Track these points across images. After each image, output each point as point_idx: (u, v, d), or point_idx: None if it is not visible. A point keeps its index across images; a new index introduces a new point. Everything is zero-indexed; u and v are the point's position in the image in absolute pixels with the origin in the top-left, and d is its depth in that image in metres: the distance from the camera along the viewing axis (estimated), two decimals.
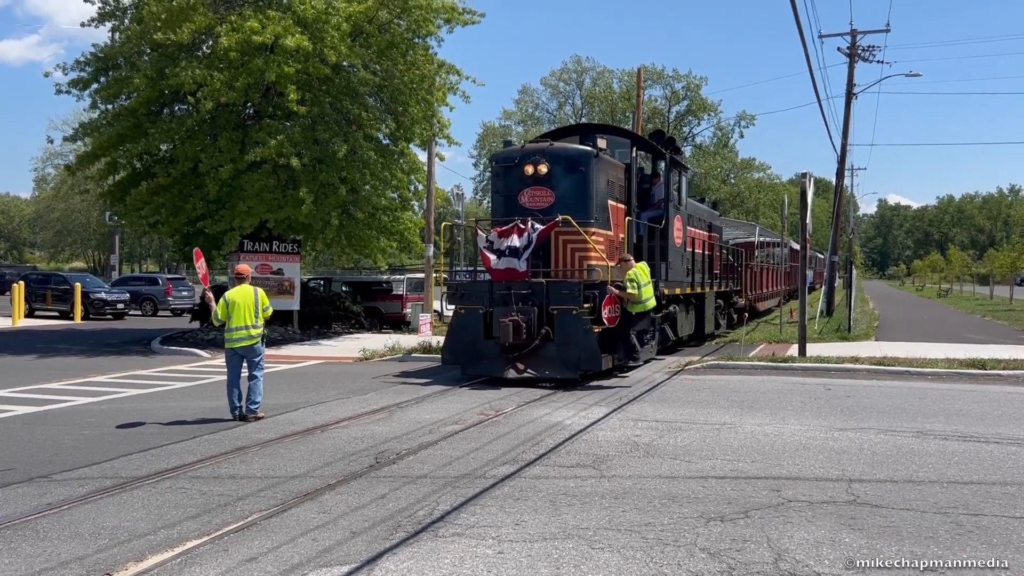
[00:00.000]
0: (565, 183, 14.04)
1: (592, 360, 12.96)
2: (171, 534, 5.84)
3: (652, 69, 66.14)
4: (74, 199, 72.10)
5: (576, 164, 14.10)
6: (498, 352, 13.33)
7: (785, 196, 36.84)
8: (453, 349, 13.91)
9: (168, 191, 20.01)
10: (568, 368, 13.05)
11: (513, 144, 14.67)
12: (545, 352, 13.18)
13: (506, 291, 13.40)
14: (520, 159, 14.24)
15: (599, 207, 14.31)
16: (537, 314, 13.20)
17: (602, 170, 14.39)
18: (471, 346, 13.66)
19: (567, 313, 13.07)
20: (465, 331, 13.73)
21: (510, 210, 14.11)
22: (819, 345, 19.01)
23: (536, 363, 13.22)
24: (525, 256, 13.45)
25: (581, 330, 12.97)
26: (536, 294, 13.32)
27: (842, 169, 33.19)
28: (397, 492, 6.91)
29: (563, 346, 13.06)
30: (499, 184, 14.65)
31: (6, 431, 9.73)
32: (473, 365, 13.73)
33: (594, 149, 14.25)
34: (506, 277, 13.53)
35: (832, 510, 6.38)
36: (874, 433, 9.47)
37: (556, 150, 14.31)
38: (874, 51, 32.48)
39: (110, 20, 20.93)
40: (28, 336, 23.99)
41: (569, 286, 13.32)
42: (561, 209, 13.71)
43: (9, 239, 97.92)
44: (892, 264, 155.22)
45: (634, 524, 6.01)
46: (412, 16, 20.09)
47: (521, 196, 14.11)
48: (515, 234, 13.52)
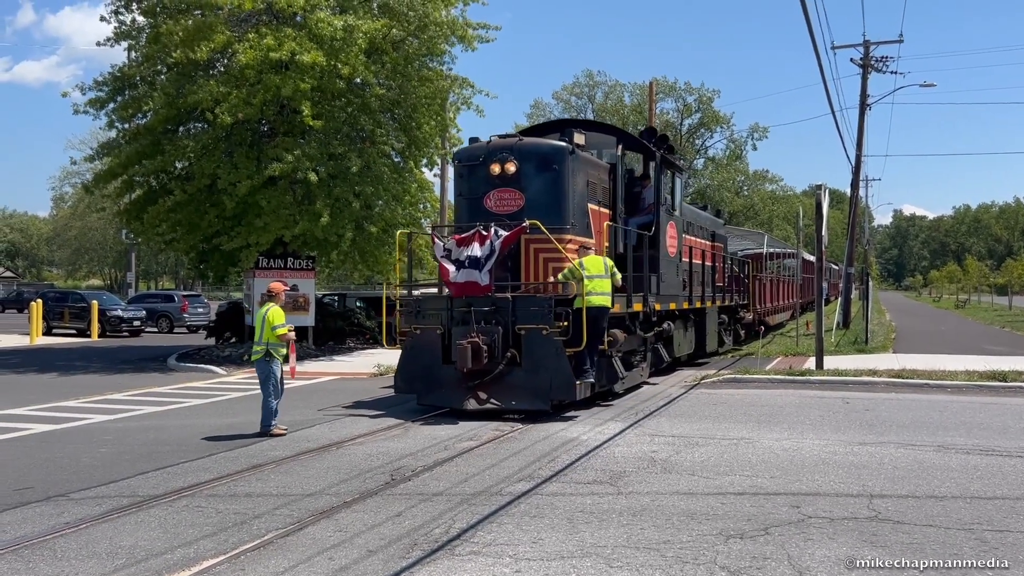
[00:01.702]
0: (536, 184, 12.32)
1: (565, 388, 11.25)
2: (188, 553, 5.83)
3: (664, 82, 66.21)
4: (91, 217, 72.82)
5: (548, 162, 12.33)
6: (457, 379, 11.52)
7: (800, 208, 36.65)
8: (407, 375, 12.13)
9: (184, 208, 20.15)
10: (538, 397, 11.33)
11: (480, 141, 13.13)
12: (511, 379, 11.45)
13: (466, 308, 11.70)
14: (485, 157, 12.45)
15: (576, 211, 12.54)
16: (502, 335, 11.44)
17: (580, 169, 12.67)
18: (427, 372, 11.89)
19: (536, 334, 11.33)
20: (420, 354, 11.97)
21: (475, 215, 12.40)
22: (836, 358, 18.86)
23: (501, 392, 11.48)
24: (488, 267, 11.68)
25: (552, 353, 11.23)
26: (501, 311, 11.59)
27: (857, 180, 33.01)
28: (413, 510, 6.88)
29: (532, 372, 11.34)
30: (463, 186, 12.88)
31: (24, 449, 9.77)
32: (429, 394, 11.97)
33: (569, 145, 12.48)
34: (466, 292, 11.79)
35: (853, 526, 6.29)
36: (894, 447, 9.36)
37: (526, 146, 12.55)
38: (887, 62, 32.34)
39: (126, 40, 21.17)
40: (46, 354, 24.16)
41: (538, 302, 11.57)
42: (532, 213, 11.97)
43: (27, 257, 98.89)
44: (908, 275, 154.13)
45: (652, 542, 5.95)
46: (427, 34, 20.22)
47: (487, 199, 12.40)
48: (476, 242, 11.75)
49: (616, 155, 14.13)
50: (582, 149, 12.87)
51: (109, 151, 21.11)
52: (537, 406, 11.37)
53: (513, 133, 13.73)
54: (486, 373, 11.41)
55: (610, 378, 12.54)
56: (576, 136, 12.76)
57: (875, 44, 32.09)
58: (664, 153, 14.98)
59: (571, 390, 11.25)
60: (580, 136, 12.89)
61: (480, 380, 11.43)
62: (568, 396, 11.35)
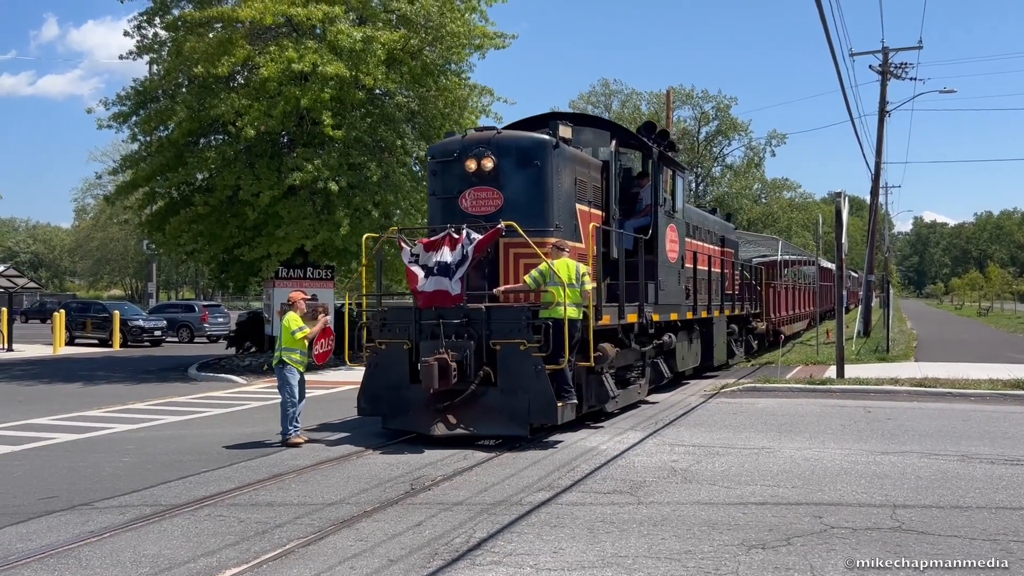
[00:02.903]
0: (516, 181, 11.17)
1: (545, 410, 9.93)
2: (210, 562, 5.87)
3: (681, 90, 66.16)
4: (112, 228, 73.62)
5: (530, 157, 11.16)
6: (426, 400, 10.32)
7: (819, 215, 36.42)
8: (371, 396, 10.91)
9: (206, 219, 20.35)
10: (515, 421, 10.06)
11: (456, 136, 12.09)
12: (486, 400, 10.21)
13: (435, 320, 10.50)
14: (460, 152, 11.32)
15: (562, 212, 11.38)
16: (474, 350, 10.22)
17: (566, 165, 11.52)
18: (393, 392, 10.70)
19: (512, 349, 10.09)
20: (385, 372, 10.77)
21: (449, 216, 11.24)
22: (857, 366, 18.72)
23: (473, 415, 10.25)
24: (459, 275, 10.45)
25: (531, 371, 9.95)
26: (473, 324, 10.38)
27: (876, 187, 32.82)
28: (433, 519, 6.90)
29: (508, 392, 10.11)
30: (436, 184, 11.73)
31: (49, 458, 9.88)
32: (395, 417, 10.73)
33: (553, 138, 11.27)
34: (434, 302, 10.54)
35: (877, 537, 6.24)
36: (917, 457, 9.28)
37: (504, 140, 11.38)
38: (907, 68, 32.13)
39: (148, 53, 21.47)
40: (69, 364, 24.41)
41: (515, 313, 10.34)
42: (511, 214, 10.81)
43: (50, 268, 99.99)
44: (929, 282, 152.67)
45: (674, 552, 5.93)
46: (445, 43, 20.36)
47: (462, 199, 11.26)
48: (446, 246, 10.60)
49: (610, 151, 13.02)
50: (569, 143, 11.69)
51: (131, 163, 21.39)
52: (514, 432, 10.11)
53: (492, 125, 12.56)
54: (457, 394, 10.18)
55: (600, 397, 11.44)
56: (562, 129, 11.51)
57: (894, 51, 31.91)
58: (663, 149, 13.84)
59: (552, 413, 9.91)
60: (566, 129, 11.65)
61: (450, 402, 10.21)
62: (549, 419, 10.03)
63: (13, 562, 5.90)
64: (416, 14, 19.84)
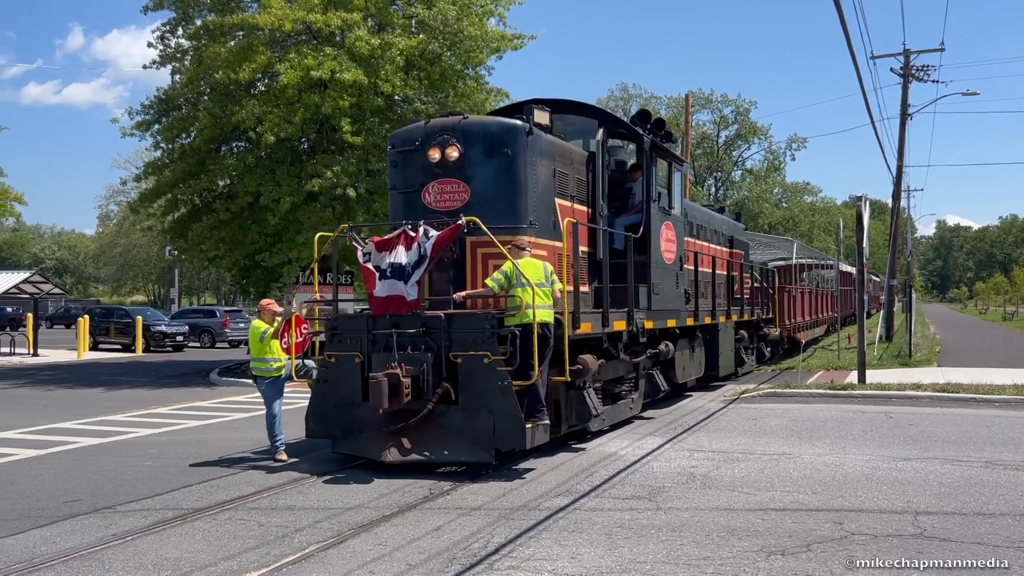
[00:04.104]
0: (485, 172, 9.93)
1: (512, 433, 8.65)
2: (231, 565, 5.92)
3: (700, 94, 65.99)
4: (135, 235, 74.36)
5: (499, 144, 9.89)
6: (379, 422, 9.08)
7: (840, 219, 36.14)
8: (320, 415, 9.65)
9: (228, 225, 20.54)
10: (478, 445, 8.81)
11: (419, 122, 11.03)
12: (445, 421, 8.97)
13: (388, 330, 9.24)
14: (423, 140, 10.08)
15: (539, 206, 10.10)
16: (433, 363, 8.99)
17: (543, 155, 10.25)
18: (344, 412, 9.43)
19: (475, 362, 8.85)
20: (335, 389, 9.51)
21: (411, 213, 9.96)
22: (879, 372, 18.55)
23: (430, 438, 8.96)
24: (415, 278, 9.25)
25: (496, 387, 8.71)
26: (432, 334, 9.12)
27: (898, 191, 32.57)
28: (452, 524, 6.91)
29: (471, 412, 8.86)
30: (397, 177, 10.45)
31: (73, 462, 10.01)
32: (345, 439, 9.46)
33: (527, 124, 10.02)
34: (388, 309, 9.34)
35: (898, 544, 6.19)
36: (940, 463, 9.18)
37: (471, 125, 10.15)
38: (929, 71, 31.92)
39: (171, 62, 21.74)
40: (93, 369, 24.70)
41: (478, 321, 9.09)
42: (479, 209, 9.60)
43: (75, 274, 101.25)
44: (953, 287, 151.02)
45: (692, 558, 5.91)
46: (463, 47, 20.45)
47: (425, 192, 10.00)
48: (401, 246, 9.38)
49: (597, 141, 11.80)
50: (547, 130, 10.50)
51: (154, 170, 21.69)
52: (477, 457, 8.86)
53: (458, 111, 11.11)
54: (414, 413, 8.94)
55: (581, 416, 10.24)
56: (537, 114, 10.29)
57: (916, 53, 31.68)
58: (658, 139, 12.61)
59: (519, 436, 8.65)
60: (543, 114, 10.45)
61: (405, 423, 8.97)
62: (516, 443, 8.76)
63: (38, 564, 5.98)
64: (434, 19, 19.94)
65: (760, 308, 20.22)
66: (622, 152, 13.34)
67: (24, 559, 6.11)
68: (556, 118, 11.68)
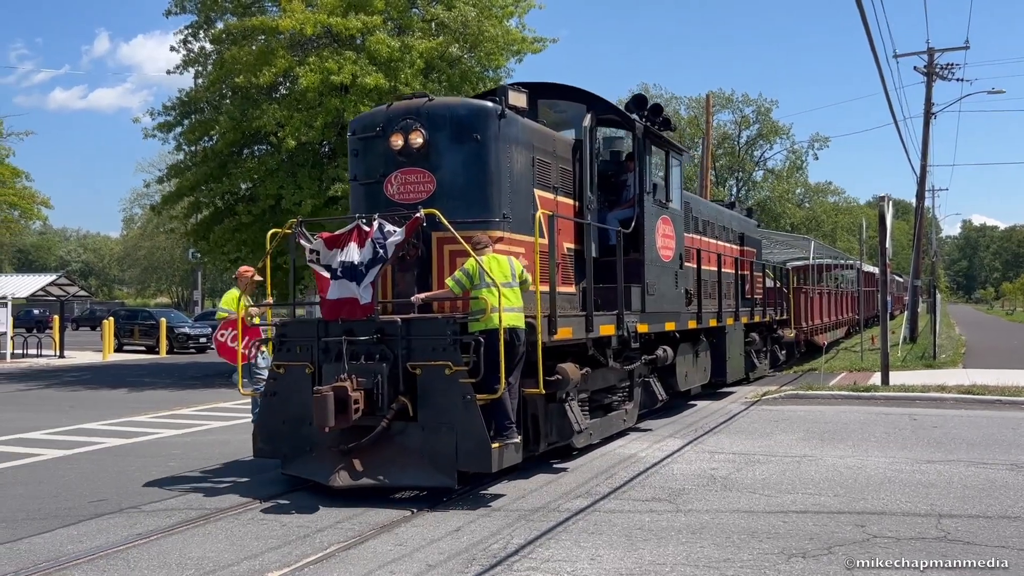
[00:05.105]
0: (452, 160, 8.95)
1: (476, 454, 7.66)
2: (253, 565, 5.98)
3: (720, 94, 65.55)
4: (159, 237, 75.19)
5: (467, 129, 8.91)
6: (330, 440, 8.09)
7: (863, 219, 35.81)
8: (268, 432, 8.67)
9: (249, 228, 20.73)
10: (439, 468, 7.79)
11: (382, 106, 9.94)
12: (403, 440, 7.97)
13: (339, 337, 8.23)
14: (385, 125, 9.13)
15: (514, 198, 9.10)
16: (388, 374, 7.97)
17: (518, 141, 9.24)
18: (294, 428, 8.43)
19: (435, 373, 7.86)
20: (284, 403, 8.54)
21: (373, 205, 8.99)
22: (903, 373, 18.37)
23: (386, 460, 7.96)
24: (370, 278, 8.24)
25: (458, 402, 7.74)
26: (388, 341, 8.11)
27: (922, 190, 32.23)
28: (472, 525, 6.94)
29: (431, 430, 7.86)
30: (358, 167, 9.50)
31: (99, 462, 10.15)
32: (295, 460, 8.43)
33: (499, 106, 9.02)
34: (339, 313, 8.36)
35: (921, 547, 6.14)
36: (964, 466, 9.09)
37: (437, 108, 9.13)
38: (953, 69, 31.55)
39: (194, 66, 22.00)
40: (118, 370, 25.00)
41: (438, 326, 8.06)
42: (446, 201, 8.65)
43: (100, 276, 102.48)
44: (979, 287, 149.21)
45: (712, 560, 5.90)
46: (484, 49, 20.52)
47: (387, 183, 9.03)
48: (353, 242, 8.38)
49: (585, 127, 10.67)
50: (523, 114, 9.52)
51: (177, 173, 21.94)
52: (437, 482, 7.82)
53: (424, 92, 10.05)
54: (366, 432, 7.92)
55: (562, 431, 9.19)
56: (512, 95, 9.28)
57: (939, 51, 31.33)
58: (655, 126, 11.64)
59: (485, 457, 7.64)
60: (518, 95, 9.42)
61: (357, 443, 7.95)
62: (482, 466, 7.73)
63: (64, 563, 6.08)
64: (454, 21, 20.03)
65: (774, 309, 19.20)
66: (620, 143, 12.53)
67: (52, 557, 6.21)
68: (545, 105, 10.96)
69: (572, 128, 11.09)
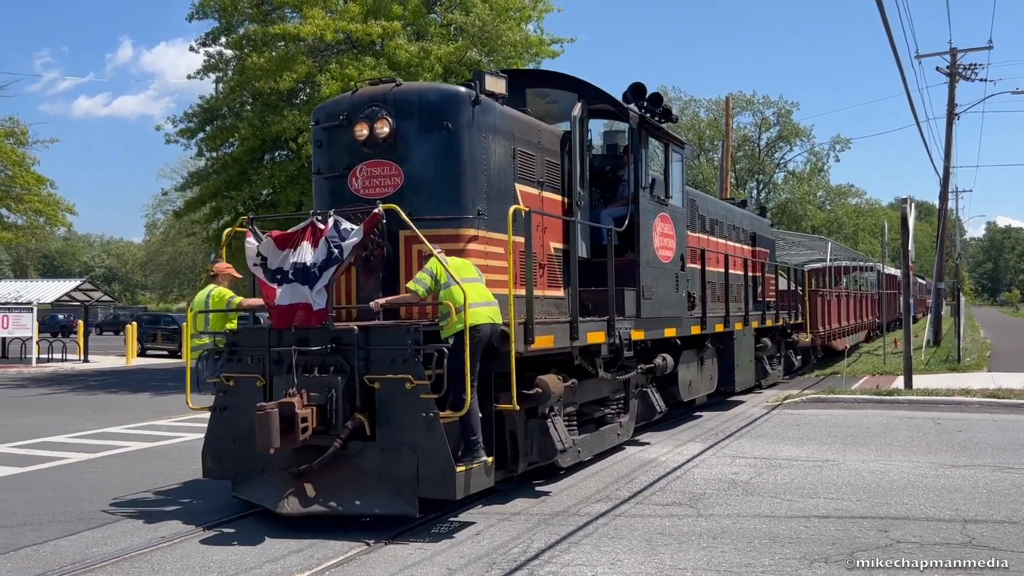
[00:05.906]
0: (421, 151, 8.13)
1: (439, 479, 6.85)
2: (275, 568, 6.02)
3: (740, 96, 65.25)
4: (181, 243, 75.88)
5: (437, 117, 8.09)
6: (283, 461, 7.29)
7: (885, 222, 35.50)
8: (216, 451, 7.92)
9: None
10: (398, 494, 6.96)
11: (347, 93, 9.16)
12: (360, 462, 7.18)
13: (290, 347, 7.41)
14: (349, 113, 8.36)
15: (491, 194, 8.26)
16: (344, 389, 7.17)
17: (495, 131, 8.43)
18: (244, 447, 7.53)
19: (395, 388, 7.06)
20: (233, 419, 7.75)
21: (338, 201, 8.23)
22: (926, 377, 18.19)
23: (341, 484, 7.13)
24: (324, 282, 7.42)
25: (420, 420, 6.94)
26: (344, 351, 7.31)
27: (945, 192, 31.92)
28: (492, 529, 6.95)
29: (390, 451, 7.06)
30: (321, 160, 8.74)
31: (123, 466, 10.26)
32: (245, 482, 7.71)
33: (472, 92, 8.22)
34: (290, 320, 7.56)
35: (946, 552, 6.07)
36: (989, 471, 8.98)
37: (405, 94, 8.32)
38: (976, 69, 31.24)
39: (214, 72, 22.20)
40: (141, 374, 25.25)
41: (398, 335, 7.22)
42: (414, 196, 7.97)
43: (123, 282, 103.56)
44: (1004, 290, 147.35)
45: (733, 565, 5.87)
46: (502, 54, 20.58)
47: (352, 177, 8.28)
48: (306, 242, 7.61)
49: (575, 117, 9.74)
50: (502, 100, 8.66)
51: (198, 179, 22.16)
52: (397, 509, 6.95)
53: (391, 78, 9.03)
54: (318, 454, 7.12)
55: (544, 451, 8.30)
56: (489, 80, 8.44)
57: (962, 52, 31.02)
58: (653, 116, 10.84)
59: (448, 483, 6.82)
60: (496, 81, 8.55)
61: (309, 466, 7.12)
62: (445, 492, 6.88)
63: (90, 565, 6.15)
64: (471, 24, 20.10)
65: (788, 313, 18.24)
66: (621, 137, 11.57)
67: (77, 560, 6.28)
68: (535, 94, 10.26)
69: (567, 121, 10.08)
